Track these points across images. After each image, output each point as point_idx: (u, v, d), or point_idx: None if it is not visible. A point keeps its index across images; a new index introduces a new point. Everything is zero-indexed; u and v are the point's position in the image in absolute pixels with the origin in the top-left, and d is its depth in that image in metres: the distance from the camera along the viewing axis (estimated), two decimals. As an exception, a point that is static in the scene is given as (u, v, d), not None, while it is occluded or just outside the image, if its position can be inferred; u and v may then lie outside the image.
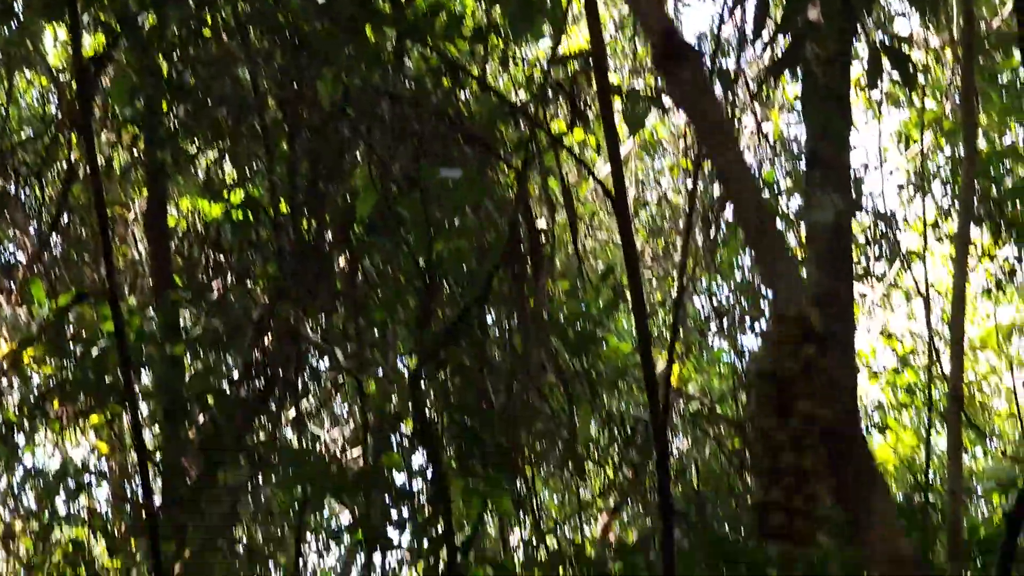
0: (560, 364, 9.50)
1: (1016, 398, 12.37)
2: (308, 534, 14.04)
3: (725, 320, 13.97)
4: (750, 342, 15.35)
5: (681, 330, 14.99)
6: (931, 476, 12.13)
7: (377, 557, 9.87)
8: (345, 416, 12.74)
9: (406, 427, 8.00)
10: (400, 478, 7.83)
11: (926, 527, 8.50)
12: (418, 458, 8.38)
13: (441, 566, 7.45)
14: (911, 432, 17.36)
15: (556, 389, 9.63)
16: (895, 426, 16.71)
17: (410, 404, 7.68)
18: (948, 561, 5.88)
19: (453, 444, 8.05)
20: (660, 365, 12.50)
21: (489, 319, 9.37)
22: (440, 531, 7.38)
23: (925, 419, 13.47)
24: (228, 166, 10.70)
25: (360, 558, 14.80)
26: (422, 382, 7.70)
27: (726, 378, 13.17)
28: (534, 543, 10.64)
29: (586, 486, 13.70)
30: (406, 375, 7.88)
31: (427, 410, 7.60)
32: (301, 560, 11.38)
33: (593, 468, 12.71)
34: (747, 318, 14.31)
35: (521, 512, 10.42)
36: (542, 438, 9.80)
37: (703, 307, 16.00)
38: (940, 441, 15.08)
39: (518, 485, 9.89)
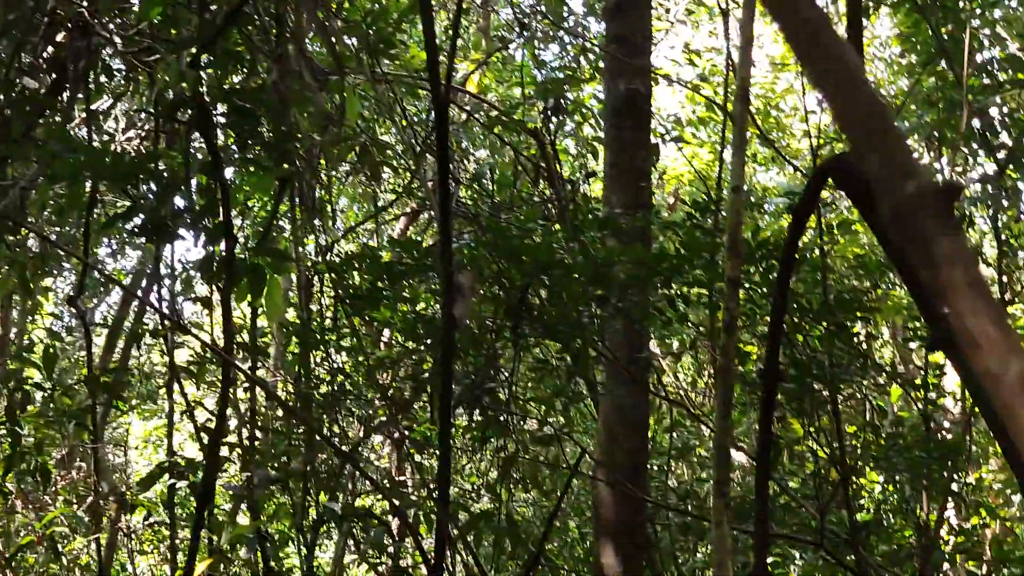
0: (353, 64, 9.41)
1: (808, 119, 12.58)
2: (102, 239, 13.96)
3: (527, 31, 13.93)
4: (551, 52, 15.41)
5: (483, 40, 14.96)
6: (724, 191, 12.40)
7: (167, 255, 9.87)
8: (141, 118, 12.54)
9: (187, 117, 7.84)
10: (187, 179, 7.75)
11: (714, 230, 8.76)
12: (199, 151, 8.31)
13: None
14: (709, 147, 17.68)
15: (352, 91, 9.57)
16: (691, 140, 16.98)
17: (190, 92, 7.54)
18: (728, 257, 5.99)
19: (232, 131, 7.92)
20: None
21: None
22: (218, 221, 7.35)
23: (720, 133, 13.68)
24: None
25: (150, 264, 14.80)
26: (200, 70, 7.56)
27: (527, 87, 13.20)
28: (328, 245, 10.70)
29: (382, 190, 13.75)
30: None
31: (204, 96, 7.46)
32: (91, 258, 11.33)
33: (390, 174, 12.75)
34: (549, 30, 14.32)
35: (316, 218, 10.45)
36: (340, 140, 9.77)
37: (506, 17, 15.96)
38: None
39: (311, 183, 9.88)
